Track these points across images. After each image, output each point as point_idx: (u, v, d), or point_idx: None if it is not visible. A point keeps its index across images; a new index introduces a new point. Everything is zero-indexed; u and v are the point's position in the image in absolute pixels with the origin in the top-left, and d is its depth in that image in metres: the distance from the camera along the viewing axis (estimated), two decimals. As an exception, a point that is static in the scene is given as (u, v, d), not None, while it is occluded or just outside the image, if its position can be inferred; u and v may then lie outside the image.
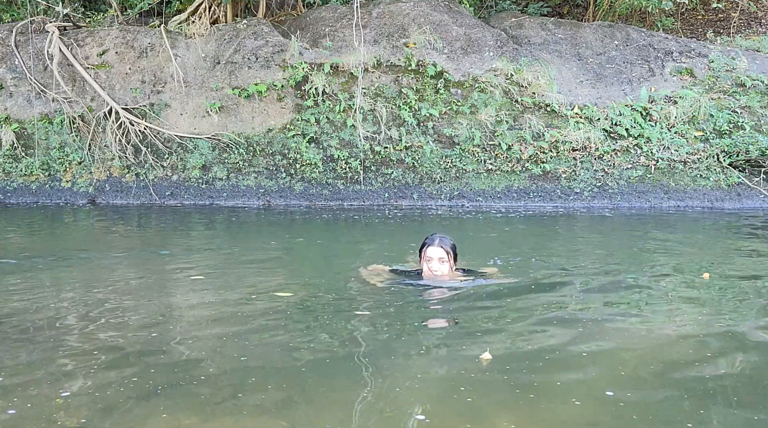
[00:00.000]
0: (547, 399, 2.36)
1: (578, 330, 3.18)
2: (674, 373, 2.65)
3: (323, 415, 2.23)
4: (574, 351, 2.89)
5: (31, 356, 2.85)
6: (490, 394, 2.40)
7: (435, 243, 3.98)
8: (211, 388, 2.48)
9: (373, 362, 2.74)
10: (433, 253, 3.96)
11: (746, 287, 4.26)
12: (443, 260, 3.94)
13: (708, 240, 6.47)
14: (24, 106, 9.45)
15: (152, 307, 3.70)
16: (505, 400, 2.35)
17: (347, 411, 2.25)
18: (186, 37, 9.69)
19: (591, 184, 8.84)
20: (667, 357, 2.87)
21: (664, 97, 9.43)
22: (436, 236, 4.06)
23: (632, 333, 3.24)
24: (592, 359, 2.80)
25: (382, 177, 8.94)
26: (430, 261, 3.96)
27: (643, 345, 3.03)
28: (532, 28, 10.33)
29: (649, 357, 2.85)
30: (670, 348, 2.99)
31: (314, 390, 2.44)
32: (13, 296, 3.97)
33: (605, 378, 2.60)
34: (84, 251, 5.60)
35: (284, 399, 2.38)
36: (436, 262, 3.94)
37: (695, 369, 2.68)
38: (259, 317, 3.48)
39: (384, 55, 9.40)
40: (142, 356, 2.84)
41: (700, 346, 3.01)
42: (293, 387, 2.47)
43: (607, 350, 2.94)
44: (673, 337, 3.15)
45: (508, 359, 2.76)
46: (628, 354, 2.90)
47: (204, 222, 7.56)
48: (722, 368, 2.70)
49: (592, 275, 4.61)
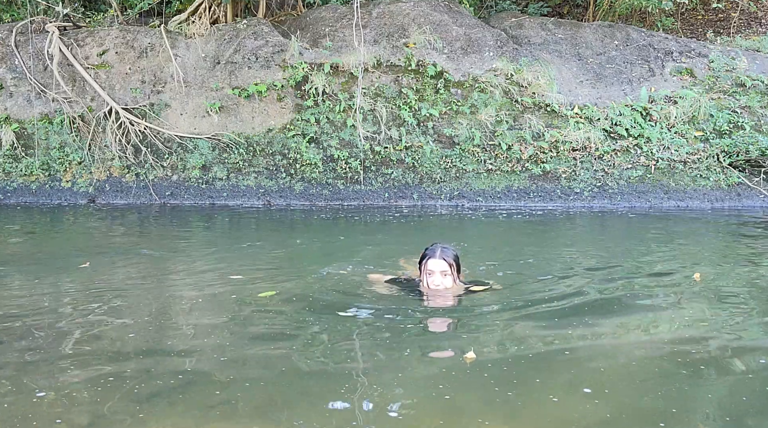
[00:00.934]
0: (526, 396, 2.37)
1: (566, 332, 3.18)
2: (655, 372, 2.66)
3: (313, 416, 2.23)
4: (558, 351, 2.89)
5: (29, 356, 2.85)
6: (469, 392, 2.42)
7: (436, 255, 3.66)
8: (208, 391, 2.48)
9: (361, 361, 2.75)
10: (434, 266, 3.64)
11: (746, 288, 4.26)
12: (446, 273, 3.64)
13: (708, 240, 6.47)
14: (24, 106, 9.45)
15: (151, 308, 3.70)
16: (483, 398, 2.37)
17: (336, 413, 2.25)
18: (186, 37, 9.69)
19: (591, 184, 8.84)
20: (652, 356, 2.87)
21: (664, 97, 9.42)
22: (437, 246, 3.74)
23: (622, 333, 3.24)
24: (575, 358, 2.81)
25: (382, 177, 8.94)
26: (431, 275, 3.65)
27: (630, 346, 3.03)
28: (532, 28, 10.33)
29: (635, 357, 2.85)
30: (660, 348, 2.99)
31: (311, 392, 2.44)
32: (12, 296, 3.97)
33: (585, 377, 2.61)
34: (84, 251, 5.60)
35: (281, 400, 2.38)
36: (438, 276, 3.63)
37: (679, 369, 2.69)
38: (258, 317, 3.48)
39: (384, 55, 9.40)
40: (140, 358, 2.84)
41: (689, 347, 3.01)
42: (290, 388, 2.47)
43: (593, 350, 2.95)
44: (663, 338, 3.15)
45: (493, 358, 2.77)
46: (616, 353, 2.90)
47: (204, 222, 7.57)
48: (709, 369, 2.70)
49: (590, 276, 4.61)
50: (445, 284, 3.63)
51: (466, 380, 2.53)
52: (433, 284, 3.63)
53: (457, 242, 5.27)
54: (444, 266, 3.63)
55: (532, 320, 3.38)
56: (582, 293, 4.07)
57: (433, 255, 3.67)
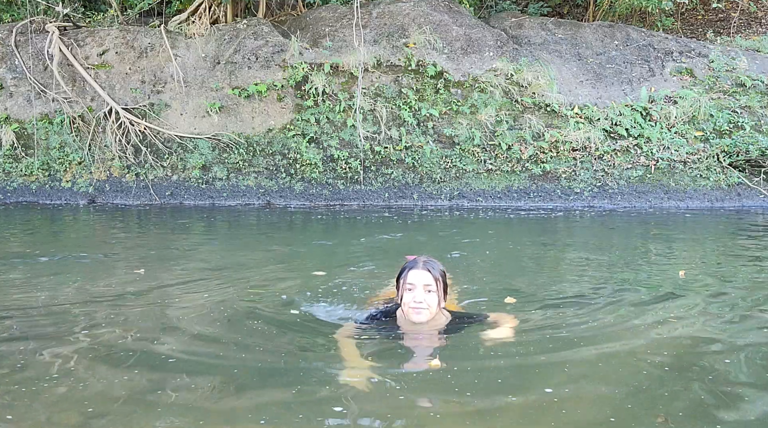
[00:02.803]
0: (481, 400, 2.35)
1: (566, 331, 3.18)
2: (655, 375, 2.65)
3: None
4: (529, 360, 2.80)
5: (28, 356, 2.85)
6: (422, 395, 2.39)
7: (419, 266, 3.01)
8: (206, 392, 2.48)
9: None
10: (416, 278, 2.98)
11: (746, 288, 4.26)
12: (429, 288, 2.97)
13: (708, 240, 6.47)
14: (24, 106, 9.45)
15: (150, 308, 3.70)
16: (440, 401, 2.35)
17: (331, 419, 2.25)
18: (186, 37, 9.69)
19: (591, 184, 8.84)
20: (650, 357, 2.86)
21: (664, 97, 9.42)
22: (421, 257, 3.10)
23: (614, 333, 3.23)
24: (573, 359, 2.81)
25: (382, 177, 8.94)
26: (412, 289, 2.98)
27: (622, 345, 3.03)
28: (532, 28, 10.33)
29: (635, 358, 2.85)
30: (658, 349, 2.99)
31: (304, 398, 2.44)
32: (12, 296, 3.97)
33: (583, 375, 2.60)
34: (84, 251, 5.60)
35: (280, 400, 2.38)
36: (421, 290, 2.96)
37: (672, 372, 2.68)
38: (257, 318, 3.48)
39: (384, 55, 9.40)
40: (138, 358, 2.84)
41: (681, 347, 3.01)
42: (286, 390, 2.47)
43: (592, 350, 2.94)
44: (662, 338, 3.15)
45: (460, 363, 2.69)
46: (616, 353, 2.90)
47: (204, 222, 7.56)
48: (706, 370, 2.69)
49: (587, 276, 4.61)
50: (429, 302, 2.97)
51: (425, 385, 2.49)
52: (414, 301, 2.96)
53: (453, 245, 5.26)
54: (428, 278, 2.98)
55: (532, 322, 3.38)
56: (582, 293, 4.07)
57: (415, 266, 3.03)
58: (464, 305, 3.69)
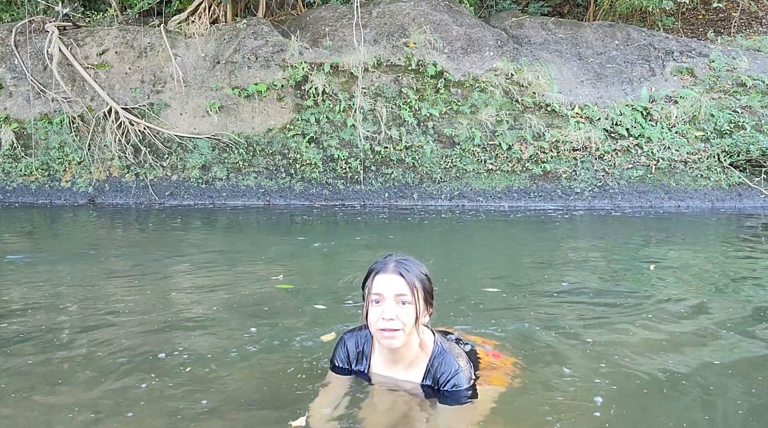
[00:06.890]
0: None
1: (564, 332, 3.17)
2: (656, 378, 2.64)
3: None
4: (554, 348, 2.87)
5: (27, 356, 2.84)
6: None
7: (388, 269, 2.17)
8: (208, 392, 2.47)
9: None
10: (384, 286, 2.15)
11: (745, 288, 4.25)
12: (403, 299, 2.14)
13: (708, 240, 6.46)
14: (24, 106, 9.44)
15: (149, 309, 3.69)
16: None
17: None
18: (186, 36, 9.68)
19: (591, 184, 8.82)
20: (656, 360, 2.86)
21: (665, 96, 9.41)
22: (392, 257, 2.25)
23: (611, 334, 3.23)
24: (571, 359, 2.79)
25: (382, 177, 8.93)
26: (380, 301, 2.15)
27: (622, 346, 3.02)
28: (533, 28, 10.31)
29: (613, 354, 2.84)
30: (663, 352, 2.98)
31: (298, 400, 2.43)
32: (12, 296, 3.96)
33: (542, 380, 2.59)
34: (83, 251, 5.59)
35: (279, 401, 2.37)
36: (391, 302, 2.13)
37: (674, 376, 2.67)
38: (256, 319, 3.47)
39: (384, 55, 9.38)
40: (136, 360, 2.83)
41: (682, 347, 3.00)
42: (283, 389, 2.46)
43: (590, 351, 2.93)
44: (662, 339, 3.14)
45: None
46: (614, 354, 2.89)
47: (203, 222, 7.55)
48: (707, 373, 2.69)
49: (586, 277, 4.60)
50: (404, 319, 2.13)
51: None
52: (383, 318, 2.13)
53: (453, 245, 5.25)
54: (400, 286, 2.14)
55: (531, 321, 3.37)
56: (582, 293, 4.06)
57: (383, 269, 2.19)
58: (461, 308, 3.68)
